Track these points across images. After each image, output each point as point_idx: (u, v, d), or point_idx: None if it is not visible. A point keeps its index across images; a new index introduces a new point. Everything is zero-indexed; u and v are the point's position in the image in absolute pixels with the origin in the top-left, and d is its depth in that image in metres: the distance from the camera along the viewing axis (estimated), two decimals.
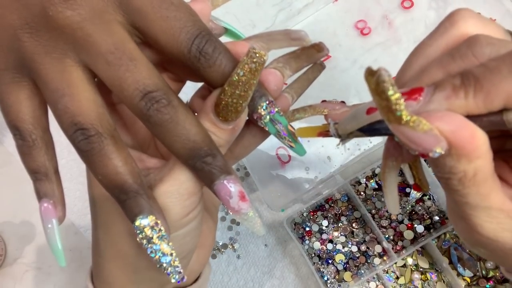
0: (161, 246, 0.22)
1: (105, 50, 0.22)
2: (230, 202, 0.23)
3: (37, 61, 0.23)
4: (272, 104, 0.25)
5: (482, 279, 0.48)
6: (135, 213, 0.22)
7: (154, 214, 0.22)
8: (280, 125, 0.25)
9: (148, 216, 0.22)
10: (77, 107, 0.22)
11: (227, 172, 0.23)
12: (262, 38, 0.28)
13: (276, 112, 0.25)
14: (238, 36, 0.30)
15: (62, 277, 0.54)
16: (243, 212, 0.23)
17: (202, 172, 0.23)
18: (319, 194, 0.51)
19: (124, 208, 0.23)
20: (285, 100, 0.28)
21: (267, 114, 0.25)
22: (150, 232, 0.22)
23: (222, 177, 0.23)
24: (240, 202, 0.23)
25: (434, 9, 0.54)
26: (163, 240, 0.22)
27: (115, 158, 0.22)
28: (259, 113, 0.25)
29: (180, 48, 0.23)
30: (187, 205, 0.24)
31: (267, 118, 0.25)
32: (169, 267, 0.23)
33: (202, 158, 0.23)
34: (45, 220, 0.25)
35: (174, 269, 0.23)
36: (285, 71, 0.28)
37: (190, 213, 0.25)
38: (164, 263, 0.23)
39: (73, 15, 0.22)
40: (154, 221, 0.22)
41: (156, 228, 0.22)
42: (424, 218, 0.50)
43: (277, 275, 0.52)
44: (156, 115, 0.22)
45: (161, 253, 0.23)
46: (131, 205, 0.22)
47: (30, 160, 0.25)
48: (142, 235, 0.22)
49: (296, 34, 0.29)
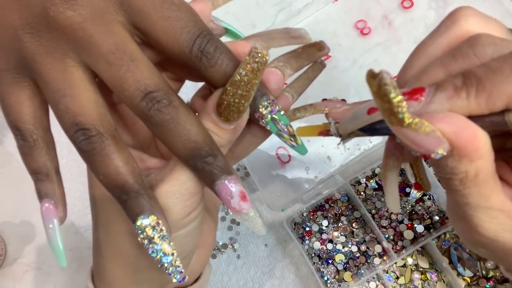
0: (163, 246, 0.22)
1: (106, 50, 0.22)
2: (231, 202, 0.23)
3: (38, 62, 0.23)
4: (273, 103, 0.25)
5: (482, 279, 0.48)
6: (136, 213, 0.22)
7: (155, 214, 0.22)
8: (281, 124, 0.25)
9: (149, 216, 0.22)
10: (78, 107, 0.22)
11: (228, 172, 0.23)
12: (262, 37, 0.28)
13: (277, 111, 0.25)
14: (238, 37, 0.30)
15: (62, 277, 0.54)
16: (244, 212, 0.23)
17: (203, 172, 0.23)
18: (319, 194, 0.51)
19: (125, 208, 0.23)
20: (285, 99, 0.28)
21: (268, 113, 0.25)
22: (151, 232, 0.22)
23: (223, 177, 0.23)
24: (241, 202, 0.23)
25: (434, 9, 0.54)
26: (165, 240, 0.22)
27: (116, 158, 0.22)
28: (261, 113, 0.25)
29: (182, 48, 0.23)
30: (188, 205, 0.24)
31: (269, 117, 0.25)
32: (171, 267, 0.23)
33: (203, 158, 0.23)
34: (46, 220, 0.25)
35: (175, 269, 0.23)
36: (285, 70, 0.27)
37: (191, 213, 0.25)
38: (166, 263, 0.23)
39: (74, 15, 0.22)
40: (156, 221, 0.22)
41: (158, 228, 0.22)
42: (424, 218, 0.51)
43: (277, 275, 0.52)
44: (157, 115, 0.22)
45: (162, 253, 0.23)
46: (132, 205, 0.22)
47: (31, 161, 0.25)
48: (144, 235, 0.22)
49: (296, 32, 0.29)
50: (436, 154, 0.18)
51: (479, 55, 0.20)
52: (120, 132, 0.27)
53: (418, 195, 0.51)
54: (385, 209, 0.51)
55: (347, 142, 0.25)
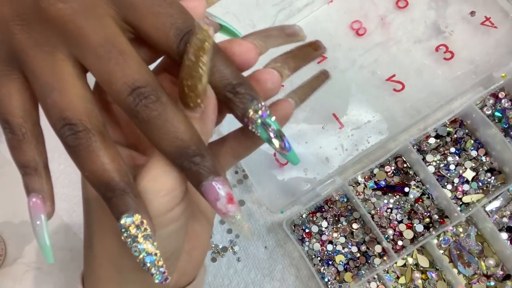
0: (146, 246, 0.22)
1: (95, 43, 0.22)
2: (217, 204, 0.22)
3: (28, 54, 0.22)
4: (263, 107, 0.24)
5: (482, 277, 0.48)
6: (121, 211, 0.22)
7: (140, 213, 0.22)
8: (272, 130, 0.24)
9: (134, 214, 0.22)
10: (66, 102, 0.22)
11: (215, 173, 0.22)
12: (259, 35, 0.28)
13: (267, 116, 0.24)
14: (234, 33, 0.30)
15: (62, 277, 0.54)
16: (230, 215, 0.23)
17: (189, 172, 0.23)
18: (318, 195, 0.51)
19: (110, 206, 0.22)
20: (288, 105, 0.27)
21: (258, 117, 0.24)
22: (135, 231, 0.22)
23: (210, 178, 0.22)
24: (228, 205, 0.23)
25: (434, 9, 0.54)
26: (148, 240, 0.22)
27: (102, 155, 0.22)
28: (250, 117, 0.24)
29: (169, 43, 0.22)
30: (164, 202, 0.24)
31: (259, 121, 0.24)
32: (153, 267, 0.23)
33: (190, 157, 0.22)
34: (33, 216, 0.25)
35: (158, 269, 0.23)
36: (283, 71, 0.27)
37: (171, 211, 0.24)
38: (148, 263, 0.22)
39: (65, 7, 0.21)
40: (140, 220, 0.22)
41: (142, 227, 0.22)
42: (423, 217, 0.51)
43: (278, 277, 0.52)
44: (144, 111, 0.22)
45: (145, 253, 0.22)
46: (117, 203, 0.22)
47: (20, 154, 0.25)
48: (127, 234, 0.22)
49: (290, 29, 0.29)
50: None
51: None
52: (114, 130, 0.27)
53: (417, 195, 0.51)
54: (384, 209, 0.51)
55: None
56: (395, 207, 0.51)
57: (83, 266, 0.29)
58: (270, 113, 0.24)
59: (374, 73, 0.53)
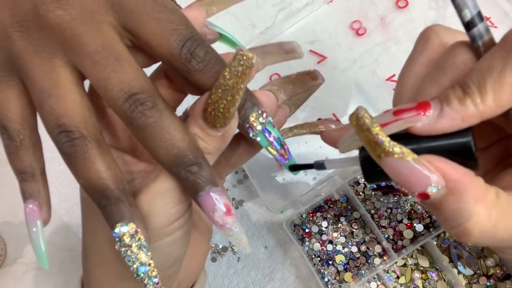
0: (139, 256, 0.22)
1: (92, 49, 0.22)
2: (214, 215, 0.22)
3: (26, 60, 0.22)
4: (264, 115, 0.24)
5: (482, 277, 0.48)
6: (116, 220, 0.22)
7: (134, 222, 0.22)
8: (272, 137, 0.24)
9: (128, 223, 0.22)
10: (63, 108, 0.22)
11: (213, 183, 0.22)
12: (257, 51, 0.28)
13: (268, 123, 0.24)
14: (233, 42, 0.30)
15: (62, 277, 0.54)
16: (227, 227, 0.22)
17: (186, 181, 0.22)
18: (318, 195, 0.51)
19: (104, 214, 0.22)
20: (282, 112, 0.27)
21: (259, 124, 0.24)
22: (129, 241, 0.22)
23: (207, 188, 0.22)
24: (225, 217, 0.22)
25: (434, 9, 0.54)
26: (142, 250, 0.22)
27: (98, 163, 0.22)
28: (251, 124, 0.24)
29: (171, 49, 0.22)
30: (172, 214, 0.24)
31: (259, 128, 0.24)
32: (146, 277, 0.22)
33: (187, 166, 0.22)
34: (29, 222, 0.25)
35: (151, 280, 0.22)
36: (279, 95, 0.27)
37: (176, 222, 0.24)
38: (142, 273, 0.22)
39: (63, 14, 0.21)
40: (134, 229, 0.22)
41: (136, 236, 0.22)
42: (423, 217, 0.51)
43: (278, 277, 0.52)
44: (139, 118, 0.21)
45: (139, 263, 0.22)
46: (111, 211, 0.22)
47: (17, 160, 0.25)
48: (121, 243, 0.22)
49: (288, 46, 0.29)
50: (430, 188, 0.18)
51: (466, 62, 0.20)
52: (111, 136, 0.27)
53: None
54: (384, 209, 0.51)
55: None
56: (395, 207, 0.51)
57: (82, 270, 0.29)
58: (271, 120, 0.24)
59: (374, 73, 0.53)
